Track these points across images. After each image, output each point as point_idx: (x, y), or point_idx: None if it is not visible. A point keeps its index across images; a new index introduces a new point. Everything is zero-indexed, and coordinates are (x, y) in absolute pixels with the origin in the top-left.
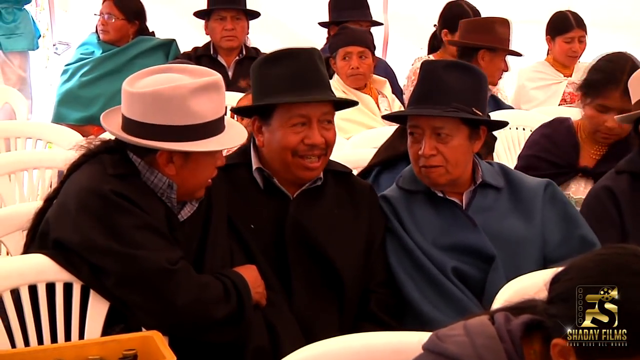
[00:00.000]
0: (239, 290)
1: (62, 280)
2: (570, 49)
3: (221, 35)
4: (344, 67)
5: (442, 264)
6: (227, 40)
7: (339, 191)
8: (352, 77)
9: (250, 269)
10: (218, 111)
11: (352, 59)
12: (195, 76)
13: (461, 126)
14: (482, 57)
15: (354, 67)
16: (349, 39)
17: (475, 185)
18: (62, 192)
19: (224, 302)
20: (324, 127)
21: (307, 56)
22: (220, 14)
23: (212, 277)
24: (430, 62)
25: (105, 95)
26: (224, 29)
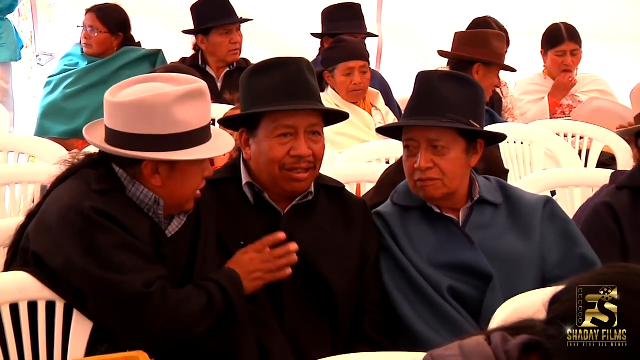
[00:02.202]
0: (225, 291)
1: (45, 299)
2: (562, 62)
3: (228, 49)
4: (346, 83)
5: (437, 283)
6: (233, 54)
7: (332, 207)
8: (353, 93)
9: (241, 255)
10: (203, 119)
11: (354, 74)
12: (179, 84)
13: (458, 138)
14: (476, 71)
15: (356, 82)
16: (350, 53)
17: (473, 202)
18: (43, 208)
19: (206, 312)
20: (312, 139)
21: (295, 66)
22: (226, 27)
23: (194, 287)
24: (426, 73)
25: (90, 108)
26: (231, 43)
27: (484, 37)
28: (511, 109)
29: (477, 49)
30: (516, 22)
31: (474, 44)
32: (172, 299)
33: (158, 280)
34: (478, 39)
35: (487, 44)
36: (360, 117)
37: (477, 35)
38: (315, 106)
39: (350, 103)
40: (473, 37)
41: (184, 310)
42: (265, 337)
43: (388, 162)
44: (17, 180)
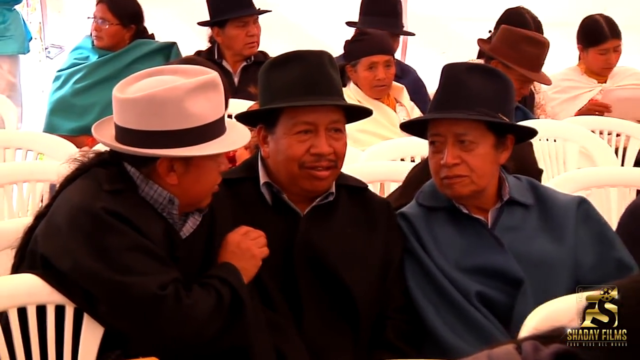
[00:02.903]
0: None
1: (54, 303)
2: (605, 60)
3: (244, 42)
4: (369, 78)
5: (465, 288)
6: (250, 47)
7: (354, 208)
8: (377, 89)
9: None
10: (217, 111)
11: (378, 69)
12: (190, 76)
13: (486, 133)
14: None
15: (380, 78)
16: (374, 47)
17: (502, 202)
18: (52, 209)
19: (217, 312)
20: (333, 136)
21: (316, 59)
22: (242, 19)
23: (200, 287)
24: (452, 65)
25: (100, 104)
26: (247, 35)
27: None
28: (544, 105)
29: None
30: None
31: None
32: (185, 302)
33: (172, 282)
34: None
35: (516, 47)
36: (384, 114)
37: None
38: (337, 102)
39: (374, 99)
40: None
41: (197, 313)
42: (284, 343)
43: (413, 160)
44: (25, 178)
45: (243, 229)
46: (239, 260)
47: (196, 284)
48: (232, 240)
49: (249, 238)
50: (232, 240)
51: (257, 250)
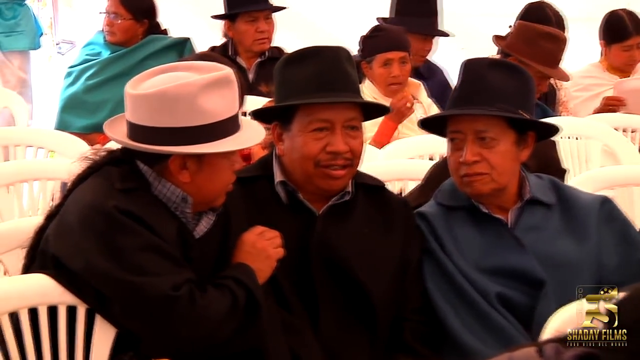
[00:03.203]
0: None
1: (66, 303)
2: (629, 57)
3: (254, 38)
4: (383, 75)
5: (485, 289)
6: (260, 44)
7: (371, 207)
8: (392, 87)
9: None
10: (231, 108)
11: (393, 66)
12: (203, 72)
13: (507, 129)
14: None
15: (395, 75)
16: (390, 43)
17: (523, 202)
18: (64, 208)
19: (232, 313)
20: (349, 134)
21: (332, 55)
22: (251, 14)
23: (214, 288)
24: (472, 61)
25: (113, 101)
26: (257, 31)
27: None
28: (566, 102)
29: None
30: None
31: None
32: (199, 302)
33: (186, 283)
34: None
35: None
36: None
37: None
38: (353, 99)
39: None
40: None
41: (211, 314)
42: (299, 346)
43: (432, 158)
44: (35, 176)
45: (258, 229)
46: (254, 260)
47: (210, 284)
48: (248, 240)
49: (265, 238)
50: (247, 240)
51: (272, 250)
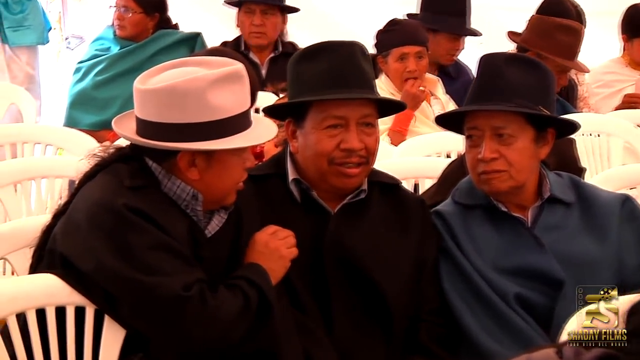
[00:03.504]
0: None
1: (74, 304)
2: None
3: (249, 30)
4: (399, 70)
5: (503, 290)
6: (254, 37)
7: (386, 206)
8: (408, 82)
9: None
10: (242, 104)
11: (408, 60)
12: (214, 67)
13: (526, 126)
14: None
15: (410, 69)
16: (405, 37)
17: (542, 200)
18: (72, 206)
19: (244, 314)
20: (364, 131)
21: (347, 50)
22: (249, 7)
23: (226, 289)
24: (490, 56)
25: (122, 97)
26: (252, 24)
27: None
28: (587, 97)
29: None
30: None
31: (537, 31)
32: (210, 303)
33: (197, 283)
34: (541, 26)
35: (550, 35)
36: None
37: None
38: (368, 95)
39: None
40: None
41: (223, 315)
42: (313, 347)
43: (449, 156)
44: (43, 174)
45: (271, 228)
46: (266, 260)
47: (222, 285)
48: (260, 239)
49: (278, 238)
50: (260, 240)
51: (285, 250)
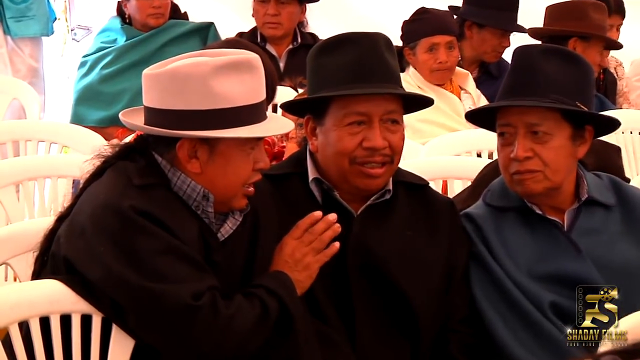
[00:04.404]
0: (279, 296)
1: (80, 312)
2: None
3: (263, 20)
4: (429, 61)
5: (538, 298)
6: (269, 28)
7: (413, 207)
8: (438, 73)
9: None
10: (252, 96)
11: (439, 51)
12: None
13: (562, 123)
14: (573, 48)
15: (442, 60)
16: (435, 26)
17: (580, 203)
18: (76, 208)
19: (261, 325)
20: (388, 128)
21: (370, 42)
22: None
23: (243, 297)
24: (525, 48)
25: (131, 91)
26: (267, 14)
27: (579, 7)
28: (627, 92)
29: (572, 21)
30: None
31: (568, 16)
32: (223, 312)
33: (208, 291)
34: (572, 10)
35: (584, 15)
36: (447, 102)
37: (571, 6)
38: (393, 90)
39: (435, 85)
40: (567, 8)
41: (236, 325)
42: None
43: (479, 155)
44: (47, 174)
45: (298, 231)
46: (291, 271)
47: (240, 293)
48: (287, 246)
49: (304, 244)
50: (286, 247)
51: (311, 258)
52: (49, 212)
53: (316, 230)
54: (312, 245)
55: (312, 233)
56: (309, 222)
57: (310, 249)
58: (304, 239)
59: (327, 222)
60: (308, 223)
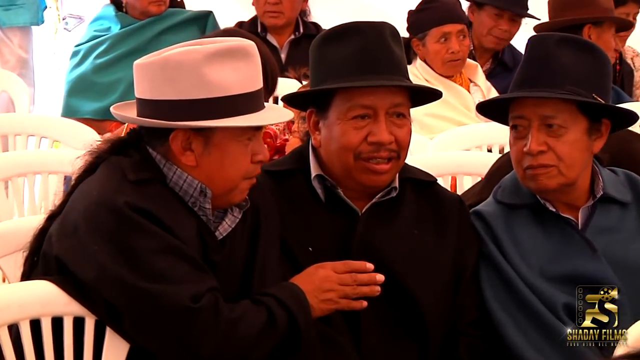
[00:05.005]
0: (289, 310)
1: (72, 314)
2: None
3: (264, 9)
4: (441, 52)
5: (551, 300)
6: (270, 17)
7: (420, 205)
8: (451, 64)
9: (316, 269)
10: (248, 84)
11: (451, 40)
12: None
13: (578, 116)
14: (588, 36)
15: (454, 50)
16: (446, 14)
17: (595, 200)
18: (68, 205)
19: (266, 334)
20: (395, 122)
21: (375, 32)
22: None
23: (251, 303)
24: (539, 37)
25: (125, 81)
26: (267, 2)
27: None
28: None
29: (581, 9)
30: None
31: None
32: (225, 315)
33: (208, 292)
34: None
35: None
36: (456, 95)
37: None
38: (400, 82)
39: (445, 78)
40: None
41: (240, 330)
42: None
43: (490, 150)
44: (37, 170)
45: (342, 267)
46: (310, 293)
47: (248, 298)
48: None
49: (340, 281)
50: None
51: (336, 297)
52: (40, 210)
53: (359, 279)
54: (345, 288)
55: (354, 278)
56: (358, 267)
57: (341, 289)
58: (342, 277)
59: (371, 278)
60: (358, 267)
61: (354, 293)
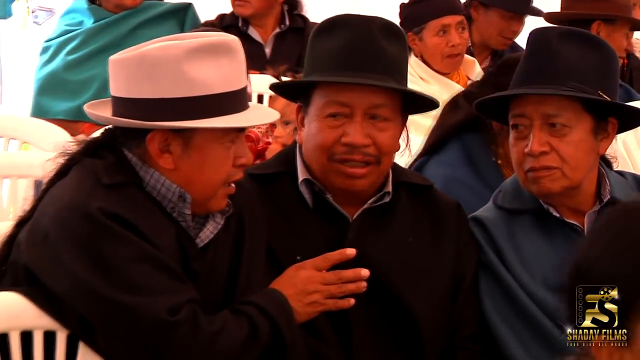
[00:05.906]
0: (271, 318)
1: (42, 328)
2: None
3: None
4: (440, 45)
5: (554, 312)
6: (237, 6)
7: (416, 211)
8: (450, 59)
9: (296, 270)
10: (230, 82)
11: (451, 33)
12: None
13: (583, 114)
14: (596, 32)
15: (455, 43)
16: (444, 6)
17: (602, 204)
18: (38, 210)
19: (249, 346)
20: (374, 124)
21: (364, 27)
22: None
23: (231, 314)
24: (541, 31)
25: (99, 79)
26: None
27: None
28: None
29: (594, 3)
30: None
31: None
32: (204, 329)
33: (187, 304)
34: None
35: None
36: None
37: None
38: (382, 82)
39: (442, 75)
40: None
41: (220, 344)
42: None
43: None
44: (5, 173)
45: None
46: (294, 298)
47: (228, 309)
48: (303, 271)
49: (323, 280)
50: (302, 272)
51: (321, 299)
52: (8, 215)
53: (343, 276)
54: (330, 287)
55: (338, 276)
56: (338, 257)
57: (326, 289)
58: (325, 276)
59: (356, 274)
60: (337, 258)
61: (340, 292)
